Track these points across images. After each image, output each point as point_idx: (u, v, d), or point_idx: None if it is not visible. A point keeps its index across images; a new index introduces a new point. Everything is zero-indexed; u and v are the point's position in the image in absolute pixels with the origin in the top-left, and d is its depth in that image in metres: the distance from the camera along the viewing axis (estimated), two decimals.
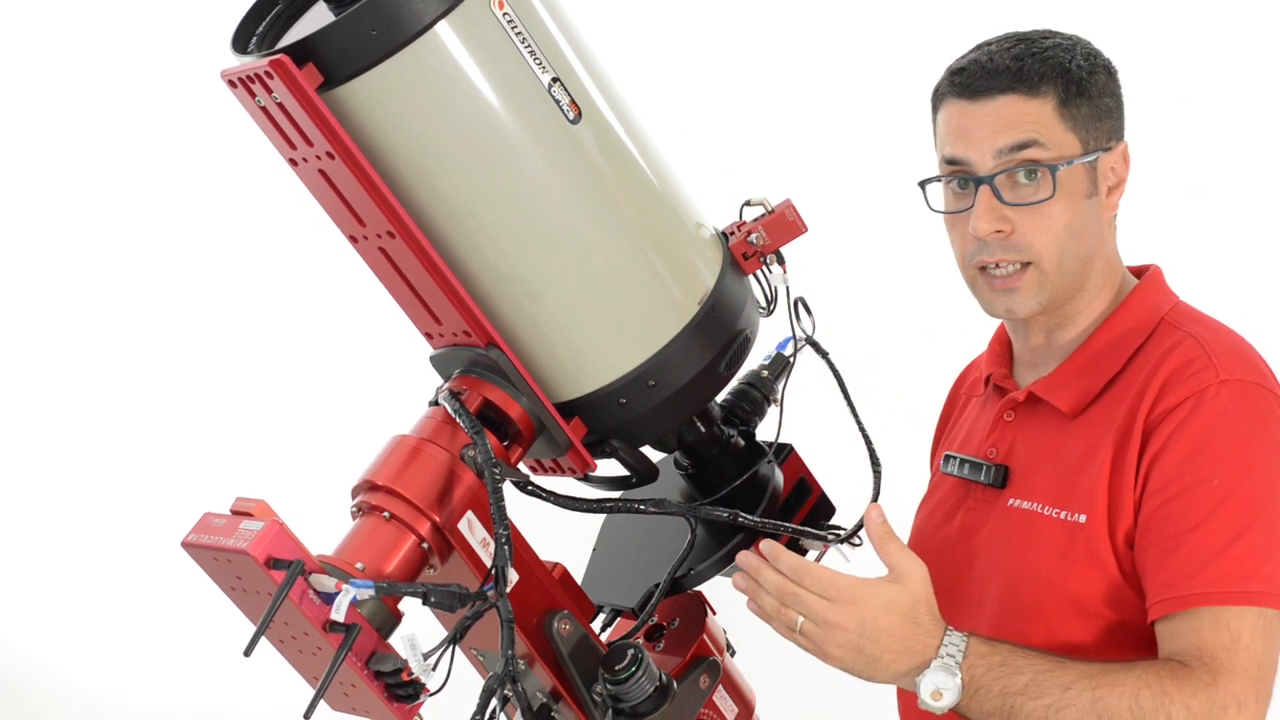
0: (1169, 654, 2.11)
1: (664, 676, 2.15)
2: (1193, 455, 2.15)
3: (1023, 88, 2.24)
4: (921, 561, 2.10)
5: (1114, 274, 2.36)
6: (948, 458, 2.43)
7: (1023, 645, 2.12)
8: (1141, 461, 2.18)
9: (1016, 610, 2.28)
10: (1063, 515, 2.24)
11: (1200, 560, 2.11)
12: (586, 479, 2.30)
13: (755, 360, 2.39)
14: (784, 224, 2.28)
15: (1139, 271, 2.39)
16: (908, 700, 2.44)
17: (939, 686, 2.06)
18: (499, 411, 2.15)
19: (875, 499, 2.36)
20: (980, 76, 2.27)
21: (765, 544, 2.12)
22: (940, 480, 2.48)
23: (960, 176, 2.29)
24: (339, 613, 1.94)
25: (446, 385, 2.18)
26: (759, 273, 2.30)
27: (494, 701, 2.03)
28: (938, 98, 2.33)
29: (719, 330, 2.19)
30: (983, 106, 2.26)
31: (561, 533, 2.45)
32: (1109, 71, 2.32)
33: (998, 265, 2.27)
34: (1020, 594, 2.27)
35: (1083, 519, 2.22)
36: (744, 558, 2.13)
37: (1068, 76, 2.26)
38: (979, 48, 2.32)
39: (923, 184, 2.34)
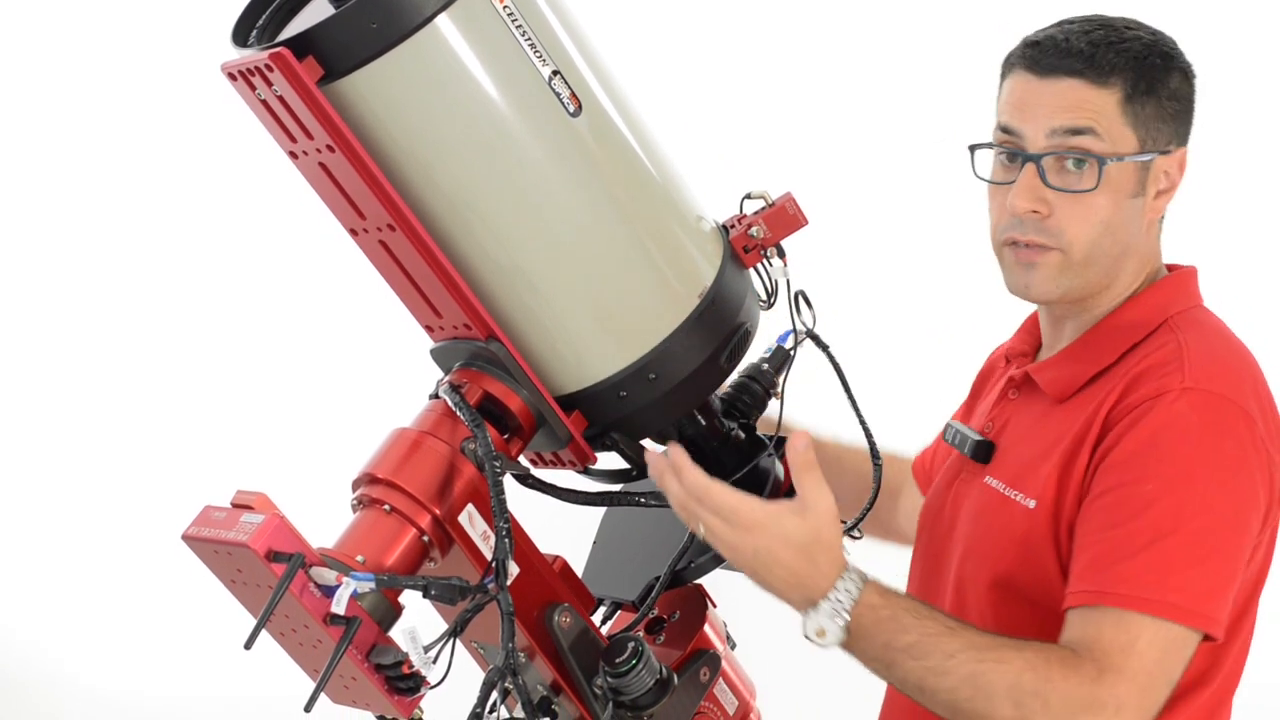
0: (1068, 640, 2.08)
1: (664, 669, 2.15)
2: (1137, 455, 2.12)
3: (1091, 74, 2.21)
4: (831, 496, 2.06)
5: (1149, 274, 2.32)
6: (948, 426, 2.44)
7: (925, 605, 2.09)
8: (1094, 456, 2.17)
9: (963, 585, 2.29)
10: (1017, 497, 2.24)
11: (1114, 558, 2.08)
12: (587, 472, 2.30)
13: (756, 353, 2.39)
14: (784, 217, 2.28)
15: (1176, 270, 2.36)
16: (892, 691, 2.46)
17: (821, 626, 2.04)
18: (499, 404, 2.15)
19: (875, 491, 2.37)
20: (1052, 54, 2.23)
21: (672, 452, 2.07)
22: (947, 450, 2.48)
23: (1010, 149, 2.26)
24: (339, 605, 1.94)
25: (447, 378, 2.18)
26: (759, 266, 2.30)
27: (495, 694, 2.03)
28: (1008, 66, 2.30)
29: (719, 323, 2.19)
30: (1048, 85, 2.23)
31: (562, 526, 2.45)
32: (1185, 75, 2.27)
33: (1027, 244, 2.25)
34: (966, 569, 2.29)
35: (1032, 504, 2.22)
36: (652, 461, 2.10)
37: (1139, 71, 2.22)
38: (1060, 24, 2.28)
39: (973, 148, 2.31)
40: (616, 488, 2.34)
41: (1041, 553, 2.20)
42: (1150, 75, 2.23)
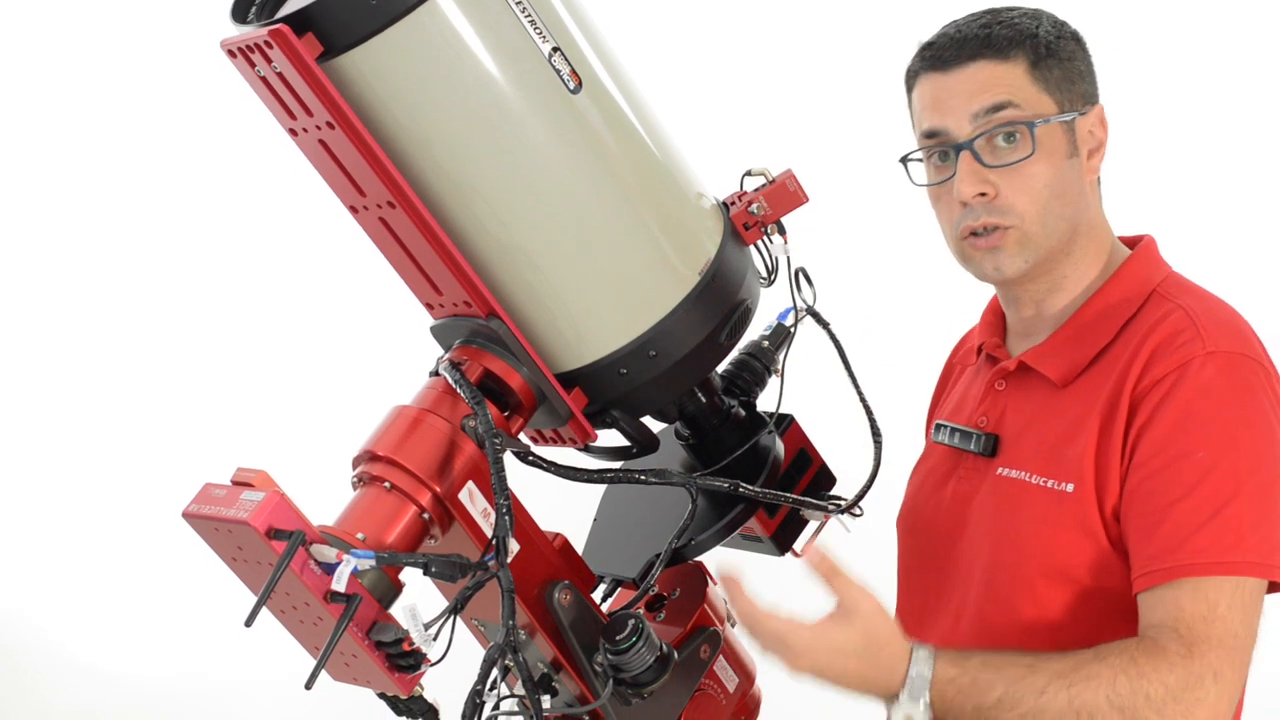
0: (1147, 625, 2.11)
1: (665, 646, 2.15)
2: (1178, 427, 2.15)
3: (991, 53, 2.27)
4: (870, 592, 2.09)
5: (1102, 241, 2.36)
6: (939, 426, 2.44)
7: (997, 653, 2.12)
8: (1128, 434, 2.19)
9: (1001, 577, 2.28)
10: (1049, 484, 2.25)
11: (1185, 533, 2.11)
12: (587, 449, 2.30)
13: (756, 330, 2.39)
14: (785, 194, 2.28)
15: (1131, 242, 2.40)
16: None
17: (908, 713, 2.08)
18: (500, 382, 2.14)
19: (876, 468, 2.38)
20: (950, 47, 2.29)
21: (726, 579, 2.10)
22: (932, 449, 2.49)
23: (940, 149, 2.30)
24: (340, 583, 1.94)
25: (447, 356, 2.18)
26: (760, 243, 2.30)
27: (495, 671, 2.03)
28: (910, 77, 2.36)
29: (720, 300, 2.19)
30: (955, 76, 2.28)
31: (562, 503, 2.45)
32: (1076, 39, 2.34)
33: (984, 229, 2.28)
34: (1005, 561, 2.28)
35: (1070, 488, 2.22)
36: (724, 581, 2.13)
37: (1035, 40, 2.28)
38: (948, 25, 2.35)
39: (904, 160, 2.36)
40: (617, 465, 2.34)
41: (1092, 534, 2.21)
42: (1046, 42, 2.29)
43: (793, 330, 2.41)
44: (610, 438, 2.28)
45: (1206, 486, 2.12)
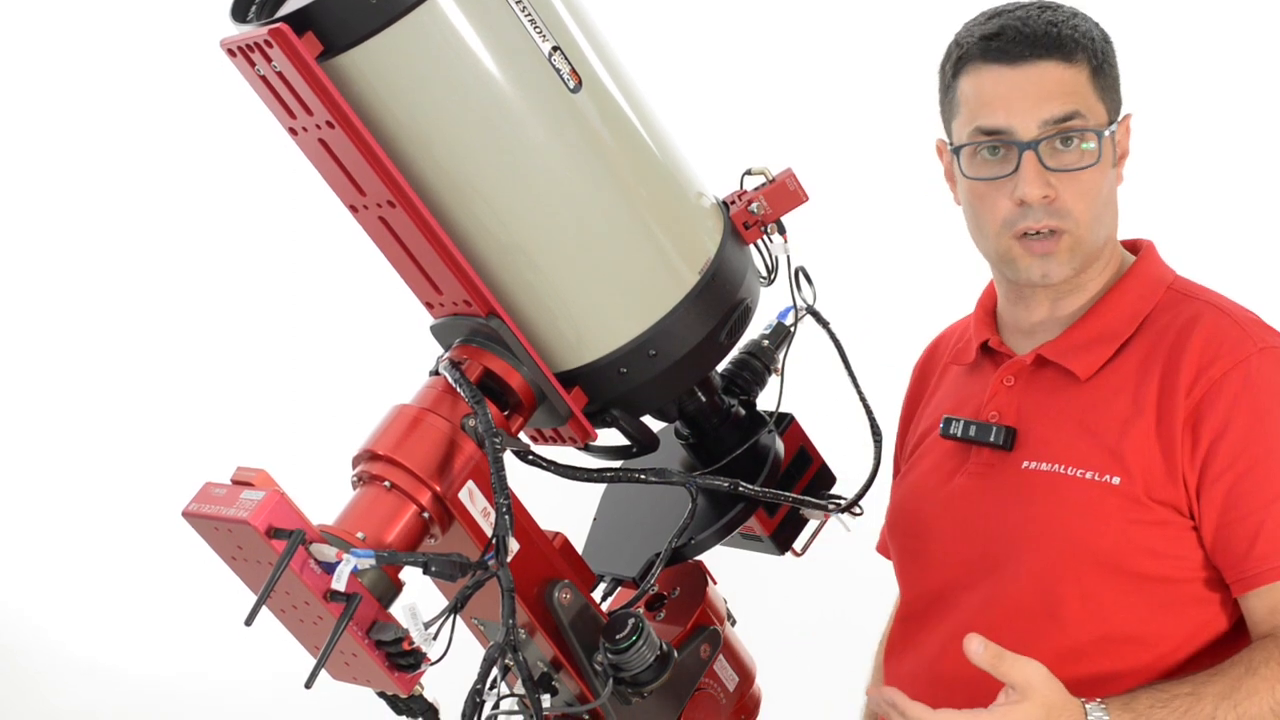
0: (1270, 629, 2.16)
1: (665, 646, 2.15)
2: (1254, 428, 2.18)
3: (1060, 55, 2.24)
4: (1037, 665, 2.08)
5: (1116, 245, 2.38)
6: (948, 420, 2.40)
7: (1159, 686, 2.14)
8: (1193, 434, 2.20)
9: (1041, 568, 2.27)
10: (1090, 476, 2.24)
11: None
12: (587, 448, 2.30)
13: (756, 330, 2.39)
14: (785, 193, 2.28)
15: (1130, 245, 2.40)
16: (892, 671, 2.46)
17: None
18: (500, 381, 2.15)
19: (876, 467, 2.37)
20: (1018, 42, 2.25)
21: (887, 693, 2.09)
22: (930, 447, 2.46)
23: (993, 144, 2.27)
24: (340, 582, 1.94)
25: (447, 355, 2.18)
26: (760, 242, 2.30)
27: (495, 670, 2.03)
28: (960, 63, 2.30)
29: (720, 299, 2.19)
30: (1023, 73, 2.25)
31: (562, 502, 2.45)
32: (1110, 42, 2.33)
33: (1044, 231, 2.26)
34: (1051, 552, 2.27)
35: (1116, 480, 2.22)
36: (872, 696, 2.13)
37: (1094, 45, 2.27)
38: (1003, 14, 2.30)
39: (956, 150, 2.31)
40: (617, 464, 2.34)
41: (1138, 525, 2.22)
42: (1101, 48, 2.28)
43: (793, 329, 2.41)
44: (610, 437, 2.28)
45: None
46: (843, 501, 2.39)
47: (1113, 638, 2.23)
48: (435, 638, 2.00)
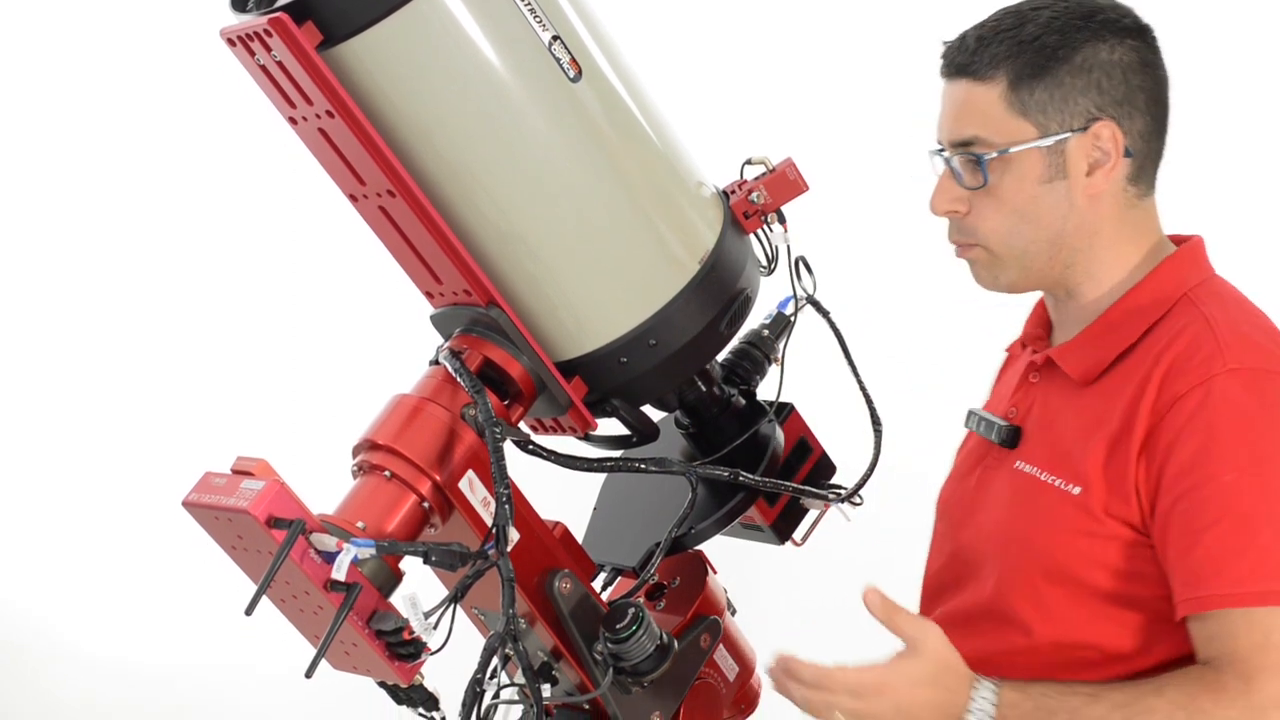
0: (1205, 658, 2.11)
1: (665, 635, 2.15)
2: (1205, 449, 2.11)
3: (970, 74, 2.21)
4: (932, 625, 2.12)
5: (1125, 245, 2.27)
6: (970, 414, 2.42)
7: (1058, 683, 2.14)
8: (1148, 451, 2.15)
9: (1004, 571, 2.27)
10: (1058, 483, 2.23)
11: (1220, 558, 2.09)
12: (587, 438, 2.30)
13: (756, 319, 2.39)
14: (785, 182, 2.28)
15: (1180, 241, 2.32)
16: None
17: None
18: (500, 370, 2.15)
19: (875, 458, 2.37)
20: (951, 55, 2.25)
21: (780, 660, 2.13)
22: (969, 436, 2.47)
23: (935, 152, 2.28)
24: (340, 571, 1.94)
25: (447, 344, 2.18)
26: (760, 231, 2.30)
27: (495, 660, 2.03)
28: None
29: (720, 289, 2.19)
30: (948, 88, 2.26)
31: (562, 492, 2.45)
32: (1109, 43, 2.20)
33: (957, 244, 2.29)
34: (1011, 555, 2.27)
35: (1077, 490, 2.20)
36: (771, 673, 2.16)
37: (1026, 57, 2.19)
38: (981, 22, 2.28)
39: (932, 153, 2.31)
40: (617, 454, 2.34)
41: (1091, 538, 2.19)
42: (1040, 58, 2.19)
43: (793, 319, 2.41)
44: (610, 426, 2.28)
45: (1237, 510, 2.10)
46: (843, 491, 2.39)
47: (1070, 645, 2.21)
48: (435, 627, 2.01)
